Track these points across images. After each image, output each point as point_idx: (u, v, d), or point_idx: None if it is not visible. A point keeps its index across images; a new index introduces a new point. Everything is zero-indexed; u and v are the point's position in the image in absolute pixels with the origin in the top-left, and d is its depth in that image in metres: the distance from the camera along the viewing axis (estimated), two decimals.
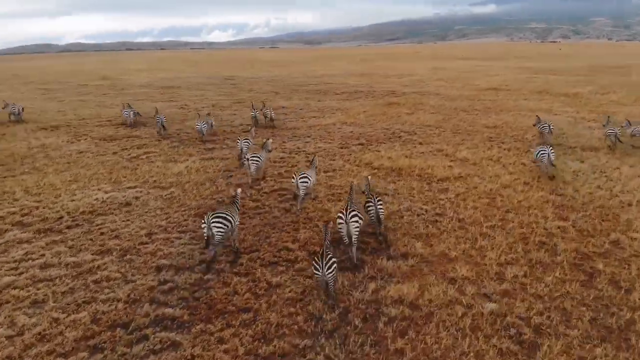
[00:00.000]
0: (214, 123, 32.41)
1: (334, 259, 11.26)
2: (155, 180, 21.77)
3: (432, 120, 35.36)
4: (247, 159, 20.77)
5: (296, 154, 26.24)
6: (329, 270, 11.05)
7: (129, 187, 20.86)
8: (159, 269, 13.42)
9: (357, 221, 13.09)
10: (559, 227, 15.41)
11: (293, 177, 17.82)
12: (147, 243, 15.13)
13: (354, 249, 13.23)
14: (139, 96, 55.78)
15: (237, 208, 14.45)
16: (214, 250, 13.61)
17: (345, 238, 13.24)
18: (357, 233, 13.13)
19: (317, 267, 11.11)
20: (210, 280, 12.65)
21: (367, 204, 14.68)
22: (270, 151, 22.23)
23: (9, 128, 35.53)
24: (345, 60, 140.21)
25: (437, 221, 16.25)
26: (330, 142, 29.02)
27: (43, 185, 21.34)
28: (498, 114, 37.41)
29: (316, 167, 19.07)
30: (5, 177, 22.95)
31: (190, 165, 24.15)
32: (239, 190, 15.36)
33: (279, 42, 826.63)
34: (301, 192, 17.51)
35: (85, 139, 31.39)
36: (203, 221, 13.35)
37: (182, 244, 14.97)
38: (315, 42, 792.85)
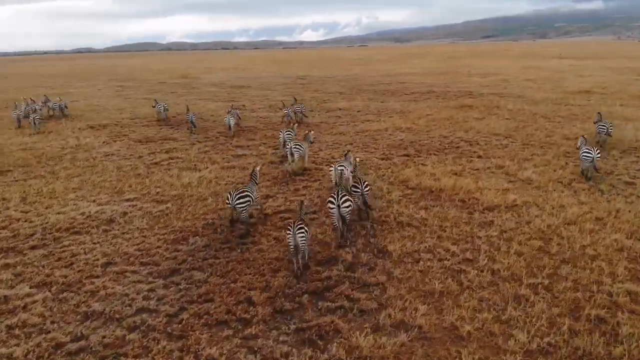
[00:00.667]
0: (239, 114, 33.63)
1: (305, 227, 12.31)
2: (158, 192, 19.48)
3: (503, 128, 30.40)
4: (290, 148, 21.54)
5: (327, 165, 22.90)
6: (300, 232, 12.11)
7: (127, 200, 18.71)
8: (86, 316, 10.80)
9: (349, 205, 13.76)
10: (629, 294, 10.86)
11: (331, 168, 18.17)
12: (97, 277, 12.64)
13: (345, 228, 14.07)
14: (204, 95, 55.11)
15: (256, 183, 16.28)
16: (245, 218, 15.08)
17: (336, 222, 13.91)
18: (349, 216, 13.98)
19: (289, 230, 12.22)
20: (131, 342, 9.77)
21: (354, 188, 15.35)
22: (312, 142, 23.31)
23: (60, 126, 35.43)
24: (430, 57, 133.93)
25: (462, 271, 12.25)
26: (372, 152, 25.38)
27: (44, 192, 19.81)
28: (584, 122, 31.49)
29: (352, 163, 18.30)
30: (17, 180, 21.86)
31: (206, 175, 21.68)
32: (258, 167, 17.08)
33: (369, 40, 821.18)
34: (344, 181, 17.12)
35: (122, 140, 30.17)
36: (227, 201, 14.89)
37: (134, 281, 12.29)
38: (405, 39, 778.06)
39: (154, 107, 37.57)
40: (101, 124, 35.94)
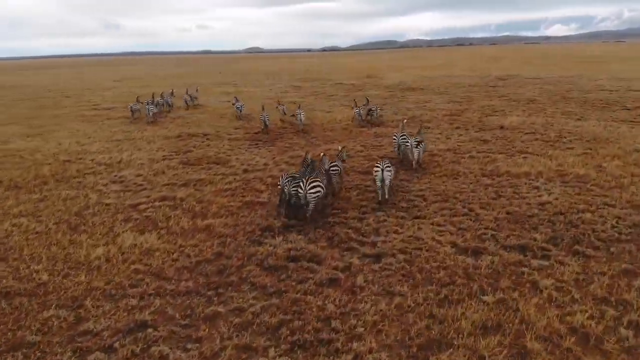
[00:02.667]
0: (285, 109, 34.02)
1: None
2: (32, 273, 12.01)
3: None
4: (411, 145, 20.33)
5: (360, 245, 12.40)
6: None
7: None
8: None
9: (317, 191, 13.91)
10: None
11: (377, 169, 15.77)
12: None
13: (309, 211, 14.11)
14: (361, 99, 46.67)
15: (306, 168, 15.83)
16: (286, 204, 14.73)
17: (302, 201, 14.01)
18: (314, 200, 13.98)
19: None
20: None
21: (375, 169, 15.82)
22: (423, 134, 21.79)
23: (154, 132, 31.25)
24: None
25: None
26: (459, 230, 13.69)
27: None
28: None
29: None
30: None
31: (145, 242, 13.48)
32: (309, 155, 16.83)
33: (629, 36, 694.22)
34: (387, 183, 15.86)
35: (174, 159, 23.93)
36: (278, 182, 15.38)
37: None
38: None
39: (233, 104, 36.72)
40: (193, 133, 30.61)
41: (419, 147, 20.07)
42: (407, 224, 14.11)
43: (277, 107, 34.63)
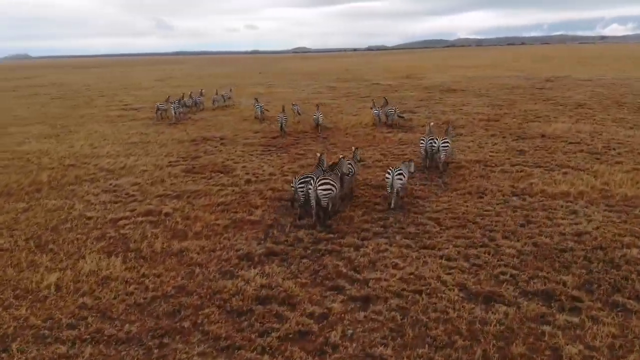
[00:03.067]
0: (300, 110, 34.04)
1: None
2: None
3: None
4: (438, 147, 19.55)
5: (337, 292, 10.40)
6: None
7: None
8: None
9: (327, 189, 13.63)
10: None
11: (388, 173, 15.30)
12: None
13: (319, 210, 13.86)
14: (379, 100, 44.27)
15: (323, 170, 15.48)
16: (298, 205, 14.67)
17: (312, 202, 13.72)
18: (325, 199, 13.71)
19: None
20: None
21: (386, 175, 15.35)
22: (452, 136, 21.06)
23: (170, 134, 30.06)
24: None
25: None
26: (474, 266, 11.45)
27: None
28: None
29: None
30: None
31: (110, 268, 11.87)
32: (324, 155, 16.59)
33: None
34: (395, 189, 15.22)
35: (178, 166, 22.46)
36: (292, 184, 14.91)
37: None
38: None
39: (254, 105, 35.89)
40: (209, 137, 29.21)
41: (447, 146, 19.69)
42: (412, 256, 11.94)
43: (291, 107, 33.26)
